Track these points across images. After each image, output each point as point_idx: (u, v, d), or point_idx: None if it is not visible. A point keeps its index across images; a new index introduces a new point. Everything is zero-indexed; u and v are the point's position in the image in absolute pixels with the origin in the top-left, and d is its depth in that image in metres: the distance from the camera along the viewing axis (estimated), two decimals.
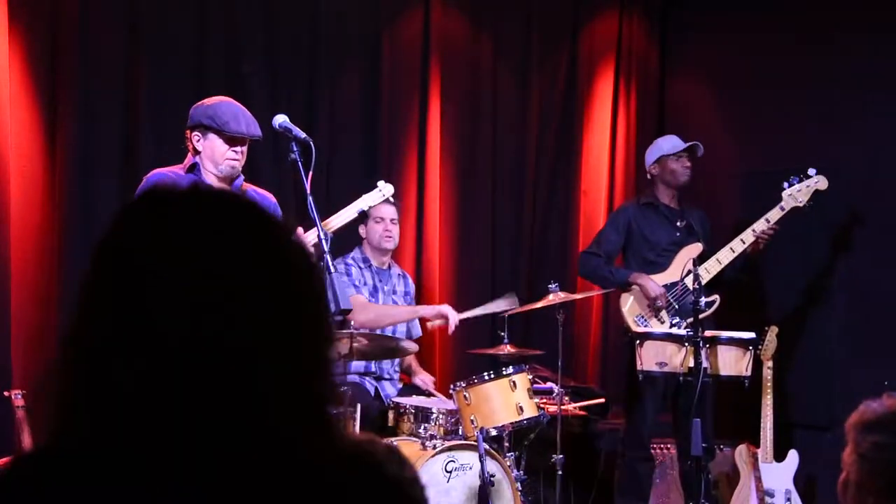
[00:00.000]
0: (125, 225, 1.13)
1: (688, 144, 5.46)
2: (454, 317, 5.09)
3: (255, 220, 1.15)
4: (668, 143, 5.54)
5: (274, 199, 4.14)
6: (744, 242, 5.27)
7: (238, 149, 3.99)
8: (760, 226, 5.28)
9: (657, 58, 6.95)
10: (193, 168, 4.00)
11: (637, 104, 6.84)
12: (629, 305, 5.35)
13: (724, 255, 5.27)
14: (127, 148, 5.17)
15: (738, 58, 6.45)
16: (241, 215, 1.15)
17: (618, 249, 5.55)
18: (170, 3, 5.30)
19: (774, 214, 5.29)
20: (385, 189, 4.05)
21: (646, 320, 5.31)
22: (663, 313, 5.30)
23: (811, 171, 5.33)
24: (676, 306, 5.28)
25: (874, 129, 5.76)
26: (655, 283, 5.29)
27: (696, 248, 5.36)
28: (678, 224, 5.48)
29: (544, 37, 6.52)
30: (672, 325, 5.22)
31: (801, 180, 5.32)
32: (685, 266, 5.05)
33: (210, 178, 3.99)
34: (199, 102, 4.05)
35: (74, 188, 5.02)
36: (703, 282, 5.11)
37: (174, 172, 4.01)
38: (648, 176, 5.60)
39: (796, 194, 5.31)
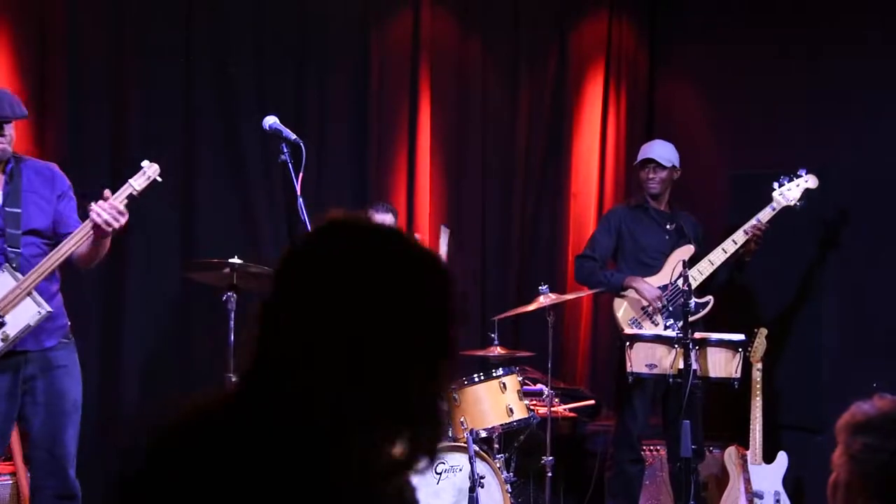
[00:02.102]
0: (316, 238, 1.42)
1: (643, 157, 5.43)
2: None
3: (401, 246, 1.41)
4: (641, 151, 5.54)
5: (54, 169, 3.99)
6: (735, 243, 5.28)
7: (1, 132, 3.79)
8: (751, 225, 5.28)
9: (646, 60, 6.96)
10: None
11: (626, 107, 6.85)
12: (623, 311, 5.35)
13: (716, 256, 5.27)
14: (115, 150, 5.15)
15: (726, 60, 6.46)
16: (393, 241, 1.41)
17: (610, 252, 5.55)
18: (157, 5, 5.28)
19: (766, 214, 5.29)
20: (150, 170, 3.84)
21: (640, 324, 5.32)
22: (657, 316, 5.30)
23: (801, 171, 5.34)
24: (670, 308, 5.28)
25: (862, 129, 5.77)
26: (651, 285, 5.30)
27: (687, 250, 5.36)
28: (668, 227, 5.48)
29: (534, 39, 6.52)
30: (666, 328, 5.22)
31: (791, 179, 5.33)
32: (676, 268, 5.06)
33: None
34: None
35: None
36: (696, 283, 5.12)
37: None
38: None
39: (787, 193, 5.31)
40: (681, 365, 4.73)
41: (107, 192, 3.70)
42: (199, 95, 5.35)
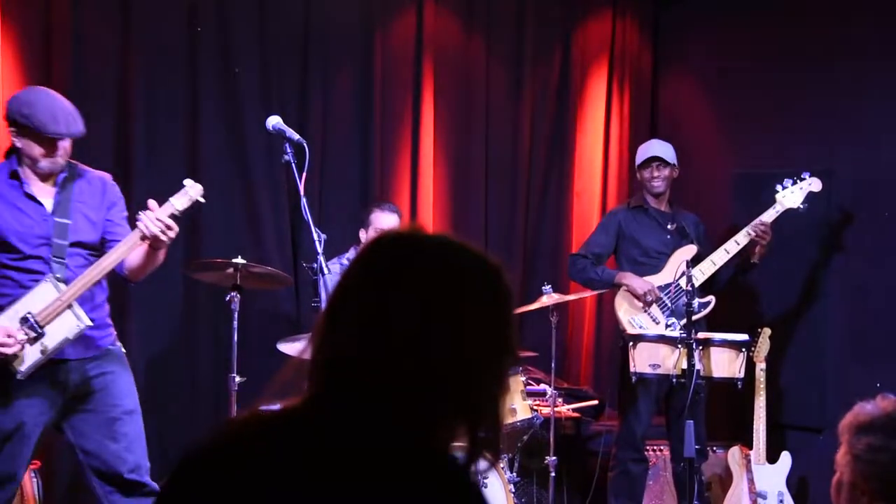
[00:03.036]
0: (387, 248, 1.47)
1: (648, 156, 5.44)
2: None
3: (473, 260, 1.49)
4: (640, 151, 5.57)
5: (106, 180, 3.94)
6: (738, 244, 5.28)
7: (58, 146, 3.74)
8: (754, 227, 5.28)
9: (650, 59, 6.95)
10: (15, 175, 3.76)
11: (630, 105, 6.85)
12: (623, 309, 5.36)
13: (719, 257, 5.27)
14: (120, 150, 5.16)
15: (730, 59, 6.46)
16: (465, 256, 1.49)
17: (608, 252, 5.55)
18: (162, 4, 5.28)
19: (769, 215, 5.30)
20: (192, 189, 3.77)
21: (641, 322, 5.32)
22: (657, 313, 5.30)
23: (804, 174, 5.34)
24: (671, 306, 5.28)
25: (868, 129, 5.76)
26: (642, 279, 5.30)
27: (690, 250, 5.36)
28: (669, 227, 5.48)
29: (537, 38, 6.51)
30: (667, 326, 5.22)
31: (794, 182, 5.34)
32: (679, 267, 5.06)
33: (31, 182, 3.78)
34: (17, 94, 3.82)
35: None
36: (698, 283, 5.12)
37: None
38: (638, 177, 5.62)
39: (790, 196, 5.32)
40: (684, 365, 4.73)
41: (152, 203, 3.66)
42: (203, 96, 5.36)
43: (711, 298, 5.27)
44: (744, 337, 4.93)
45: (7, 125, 3.73)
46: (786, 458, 5.32)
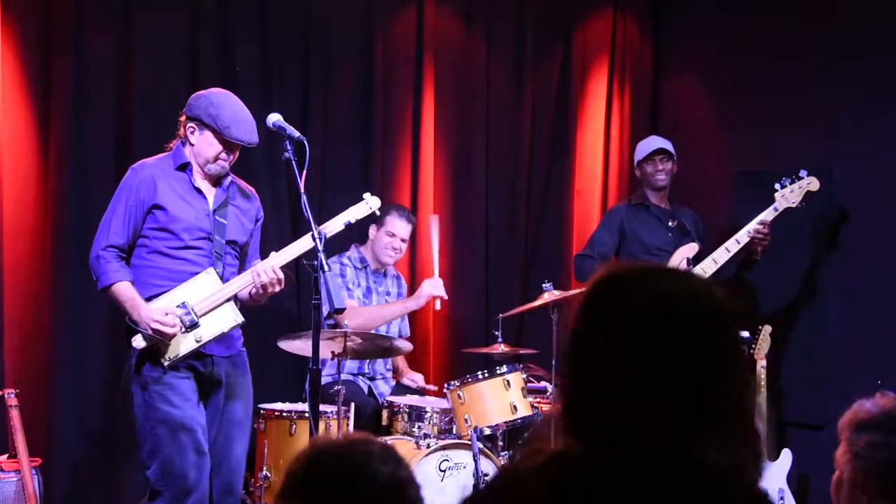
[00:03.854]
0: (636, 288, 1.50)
1: (653, 148, 5.47)
2: (439, 287, 5.03)
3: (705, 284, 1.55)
4: (642, 147, 5.61)
5: (256, 195, 4.11)
6: (738, 243, 5.29)
7: (232, 152, 3.93)
8: (754, 226, 5.30)
9: (651, 57, 6.95)
10: (184, 168, 3.93)
11: (631, 104, 6.84)
12: None
13: (720, 255, 5.28)
14: (121, 147, 5.15)
15: (731, 57, 6.45)
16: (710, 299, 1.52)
17: (612, 251, 5.56)
18: (163, 5, 5.28)
19: (768, 215, 5.31)
20: (371, 202, 3.96)
21: None
22: None
23: (802, 173, 5.35)
24: None
25: (868, 128, 5.76)
26: None
27: (692, 248, 5.39)
28: (670, 224, 5.50)
29: (538, 36, 6.51)
30: None
31: (793, 181, 5.35)
32: (680, 265, 5.07)
33: (198, 178, 3.93)
34: (202, 93, 3.95)
35: (68, 187, 5.00)
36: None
37: (164, 168, 3.94)
38: (638, 174, 5.63)
39: (788, 195, 5.34)
40: None
41: (273, 254, 3.82)
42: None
43: None
44: (744, 334, 4.93)
45: (186, 119, 3.87)
46: (786, 456, 5.33)
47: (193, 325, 3.73)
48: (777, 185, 5.35)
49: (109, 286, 3.82)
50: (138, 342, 3.74)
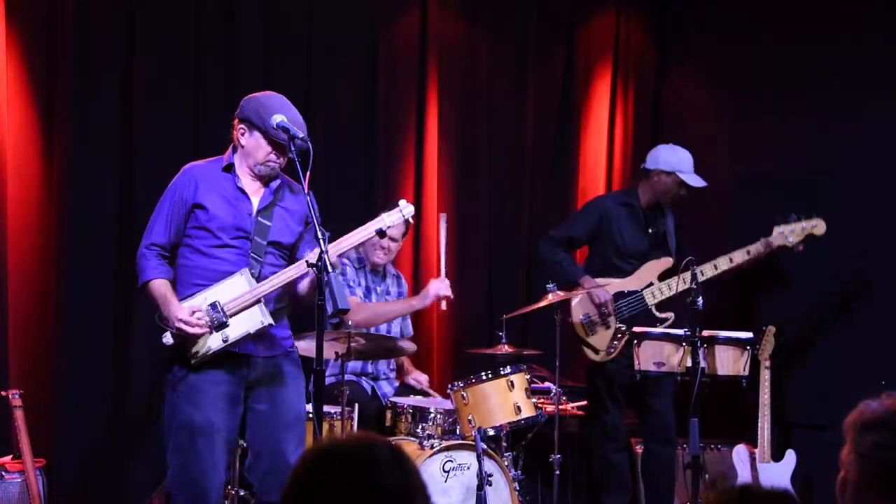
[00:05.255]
0: None
1: (698, 185, 5.39)
2: (445, 289, 5.00)
3: None
4: (683, 164, 5.41)
5: (305, 194, 4.02)
6: (716, 269, 5.30)
7: (281, 153, 3.89)
8: (740, 256, 5.33)
9: (654, 57, 6.95)
10: (230, 168, 3.93)
11: (634, 104, 6.85)
12: (578, 300, 5.41)
13: (708, 270, 5.27)
14: (124, 146, 5.16)
15: (735, 58, 6.46)
16: None
17: (583, 240, 5.56)
18: (166, 6, 5.28)
19: (756, 248, 5.34)
20: (406, 210, 3.90)
21: (591, 322, 5.39)
22: (610, 318, 5.36)
23: (813, 216, 5.33)
24: (626, 315, 5.34)
25: (872, 129, 5.76)
26: (604, 290, 5.35)
27: (665, 263, 5.43)
28: (650, 231, 5.50)
29: (541, 37, 6.51)
30: (616, 332, 5.31)
31: (798, 220, 5.33)
32: (650, 281, 5.19)
33: (245, 178, 3.92)
34: (254, 95, 3.94)
35: (71, 187, 5.01)
36: (660, 299, 5.35)
37: (211, 169, 3.95)
38: (643, 170, 5.53)
39: (788, 234, 5.35)
40: (689, 363, 4.74)
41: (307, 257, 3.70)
42: (207, 97, 5.34)
43: (671, 315, 5.32)
44: (748, 335, 4.93)
45: (238, 122, 3.88)
46: (790, 457, 5.33)
47: (222, 325, 3.75)
48: (778, 218, 5.34)
49: (147, 283, 3.86)
50: (167, 339, 3.78)
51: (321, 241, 3.58)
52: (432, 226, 6.03)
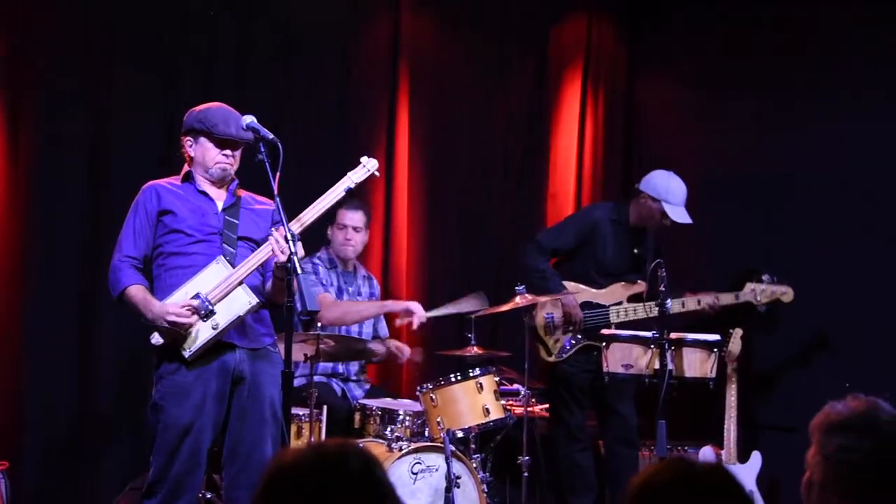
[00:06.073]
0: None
1: (684, 221, 5.37)
2: (421, 313, 5.08)
3: None
4: (677, 198, 5.37)
5: (272, 205, 4.06)
6: (683, 306, 5.34)
7: (228, 152, 3.97)
8: (707, 300, 5.36)
9: (625, 61, 6.97)
10: (188, 177, 4.00)
11: (605, 107, 6.87)
12: (546, 301, 5.44)
13: (675, 306, 5.24)
14: (93, 150, 5.12)
15: (706, 61, 6.49)
16: None
17: (568, 250, 5.58)
18: (140, 4, 5.24)
19: (726, 299, 5.39)
20: (370, 164, 4.00)
21: (553, 324, 5.44)
22: (573, 327, 5.41)
23: (784, 283, 5.41)
24: (588, 325, 5.39)
25: (843, 133, 5.81)
26: (578, 309, 5.40)
27: (637, 287, 5.46)
28: (634, 251, 5.53)
29: (513, 39, 6.52)
30: (573, 339, 5.33)
31: (772, 282, 5.39)
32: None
33: (203, 184, 3.98)
34: (192, 108, 4.02)
35: (38, 188, 4.97)
36: (627, 318, 5.40)
37: (170, 182, 4.01)
38: (635, 189, 5.50)
39: (759, 293, 5.42)
40: (657, 365, 4.76)
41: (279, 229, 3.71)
42: (179, 97, 5.29)
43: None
44: (716, 337, 4.96)
45: (183, 137, 3.98)
46: (756, 458, 5.36)
47: (209, 314, 3.74)
48: (752, 276, 5.40)
49: (123, 290, 3.84)
50: (156, 339, 3.77)
51: (291, 242, 3.57)
52: (402, 227, 6.02)
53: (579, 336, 5.36)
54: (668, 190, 5.39)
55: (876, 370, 5.47)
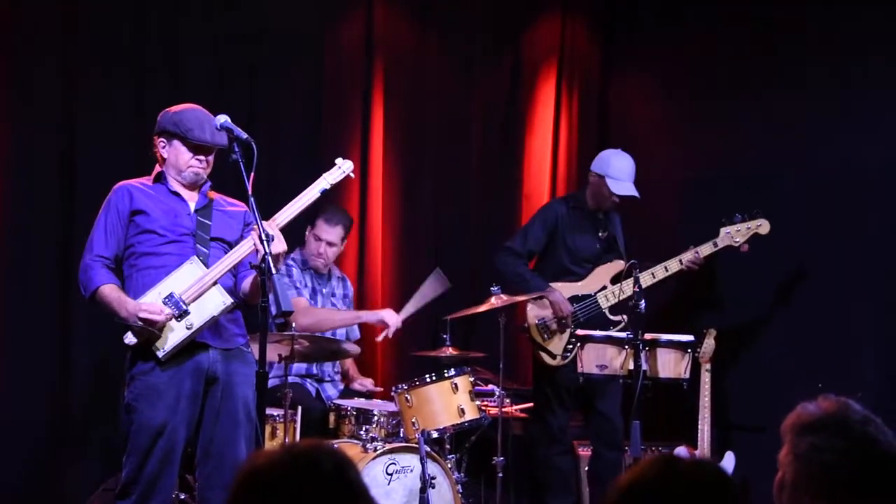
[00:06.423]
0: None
1: (630, 195, 5.39)
2: (395, 321, 5.09)
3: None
4: (617, 171, 5.39)
5: (244, 208, 4.06)
6: (667, 270, 5.35)
7: (202, 157, 3.96)
8: (689, 257, 5.36)
9: (599, 62, 7.00)
10: (160, 177, 3.98)
11: (579, 108, 6.88)
12: (532, 303, 5.44)
13: (644, 281, 5.27)
14: (64, 151, 5.08)
15: (680, 62, 6.52)
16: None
17: (540, 248, 5.59)
18: (111, 4, 5.21)
19: (706, 249, 5.38)
20: (345, 165, 4.02)
21: (546, 326, 5.43)
22: (567, 324, 5.41)
23: (757, 213, 5.37)
24: (581, 319, 5.39)
25: (815, 133, 5.85)
26: (566, 302, 5.37)
27: (616, 266, 5.47)
28: (600, 234, 5.54)
29: (488, 39, 6.53)
30: (571, 336, 5.34)
31: (743, 220, 5.38)
32: (605, 280, 5.27)
33: (175, 185, 3.97)
34: (167, 109, 4.00)
35: (11, 186, 4.93)
36: (609, 303, 5.40)
37: (142, 183, 3.99)
38: (593, 180, 5.55)
39: (734, 233, 5.39)
40: (631, 365, 4.78)
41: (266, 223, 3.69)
42: (151, 97, 5.26)
43: (623, 317, 5.43)
44: (690, 338, 4.98)
45: (156, 138, 3.96)
46: (729, 458, 5.39)
47: (183, 314, 3.72)
48: (724, 220, 5.38)
49: (96, 290, 3.82)
50: (129, 339, 3.74)
51: (265, 242, 3.56)
52: (377, 227, 6.01)
53: (578, 333, 5.33)
54: (610, 166, 5.41)
55: (846, 371, 5.51)
